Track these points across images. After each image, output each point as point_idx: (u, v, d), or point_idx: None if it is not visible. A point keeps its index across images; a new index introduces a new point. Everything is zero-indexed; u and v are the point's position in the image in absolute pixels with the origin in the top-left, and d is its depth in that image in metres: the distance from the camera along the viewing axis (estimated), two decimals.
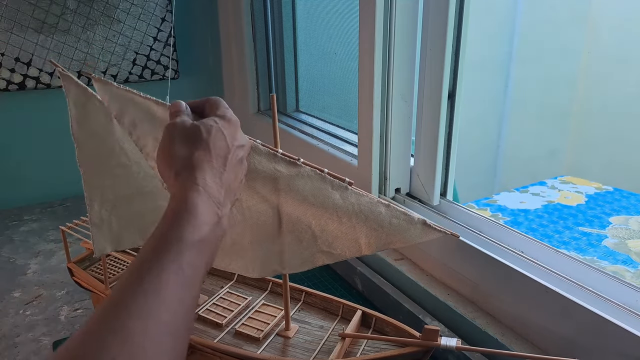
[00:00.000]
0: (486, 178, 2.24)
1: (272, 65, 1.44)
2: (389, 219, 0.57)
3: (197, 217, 0.41)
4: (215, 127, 0.47)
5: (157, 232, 0.40)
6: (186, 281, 0.37)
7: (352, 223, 0.57)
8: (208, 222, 0.42)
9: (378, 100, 0.88)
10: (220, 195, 0.45)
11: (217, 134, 0.47)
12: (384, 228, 0.58)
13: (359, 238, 0.58)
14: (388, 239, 0.58)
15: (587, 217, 1.40)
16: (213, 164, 0.46)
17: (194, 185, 0.43)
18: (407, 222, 0.57)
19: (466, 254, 0.77)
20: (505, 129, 2.17)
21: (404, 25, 0.84)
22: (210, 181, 0.44)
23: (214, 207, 0.43)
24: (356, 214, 0.57)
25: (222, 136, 0.47)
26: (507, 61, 2.09)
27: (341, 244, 0.59)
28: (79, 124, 0.64)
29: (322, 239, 0.59)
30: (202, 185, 0.43)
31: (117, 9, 1.42)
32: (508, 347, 0.68)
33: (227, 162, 0.47)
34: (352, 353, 0.63)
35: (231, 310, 0.71)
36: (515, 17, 2.04)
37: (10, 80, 1.34)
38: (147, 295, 0.34)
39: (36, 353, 0.83)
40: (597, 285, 0.65)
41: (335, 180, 0.56)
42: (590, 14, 2.13)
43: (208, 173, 0.45)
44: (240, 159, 0.50)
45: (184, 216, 0.41)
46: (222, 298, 0.75)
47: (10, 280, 1.05)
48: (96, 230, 0.69)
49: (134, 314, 0.33)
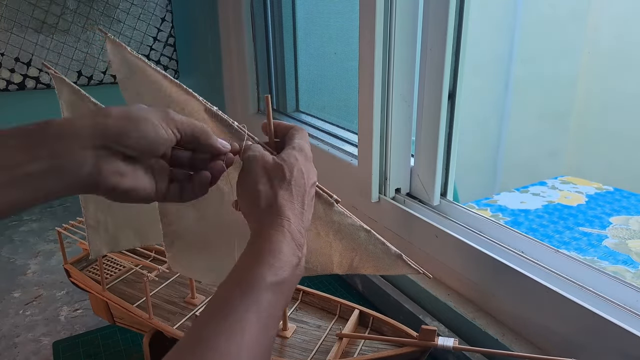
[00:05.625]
0: (486, 178, 2.24)
1: (272, 65, 1.44)
2: (366, 244, 0.57)
3: (281, 259, 0.41)
4: (297, 166, 0.47)
5: (239, 269, 0.40)
6: (266, 323, 0.38)
7: (329, 239, 0.57)
8: (290, 264, 0.42)
9: (378, 100, 0.88)
10: (302, 237, 0.45)
11: (298, 174, 0.47)
12: (359, 252, 0.57)
13: (332, 255, 0.58)
14: (361, 263, 0.58)
15: (588, 217, 1.40)
16: (295, 205, 0.45)
17: (279, 227, 0.43)
18: (382, 252, 0.57)
19: (466, 254, 0.77)
20: (506, 129, 2.17)
21: (404, 25, 0.84)
22: (295, 223, 0.44)
23: (296, 249, 0.43)
24: (335, 231, 0.56)
25: (301, 175, 0.47)
26: (507, 61, 2.08)
27: (315, 258, 0.58)
28: None
29: None
30: (287, 228, 0.43)
31: (117, 9, 1.42)
32: (508, 347, 0.68)
33: (304, 202, 0.47)
34: (350, 353, 0.63)
35: None
36: (515, 17, 2.04)
37: (10, 80, 1.34)
38: (229, 337, 0.35)
39: (36, 353, 0.83)
40: (597, 285, 0.65)
41: (323, 194, 0.55)
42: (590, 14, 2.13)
43: (291, 215, 0.45)
44: (313, 197, 0.49)
45: (267, 257, 0.41)
46: None
47: (10, 281, 1.05)
48: (92, 232, 0.69)
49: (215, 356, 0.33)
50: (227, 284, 0.39)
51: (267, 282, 0.39)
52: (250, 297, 0.38)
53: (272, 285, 0.39)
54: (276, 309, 0.40)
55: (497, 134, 2.19)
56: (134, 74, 0.53)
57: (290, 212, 0.45)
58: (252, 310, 0.37)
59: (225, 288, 0.39)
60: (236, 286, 0.39)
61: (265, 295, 0.38)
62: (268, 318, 0.38)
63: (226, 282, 0.40)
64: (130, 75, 0.53)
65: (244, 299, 0.38)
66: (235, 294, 0.38)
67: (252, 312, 0.37)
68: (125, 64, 0.53)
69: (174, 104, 0.52)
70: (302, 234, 0.45)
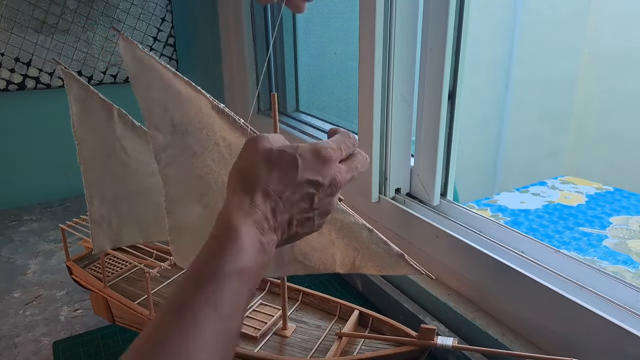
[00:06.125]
0: (486, 178, 2.24)
1: (272, 65, 1.44)
2: (368, 243, 0.57)
3: (239, 242, 0.39)
4: (290, 155, 0.44)
5: (197, 259, 0.39)
6: (227, 313, 0.36)
7: (332, 237, 0.57)
8: (250, 248, 0.40)
9: (378, 100, 0.88)
10: (266, 222, 0.42)
11: (290, 162, 0.43)
12: (361, 251, 0.57)
13: (335, 254, 0.58)
14: (363, 262, 0.58)
15: (588, 217, 1.40)
16: (269, 189, 0.43)
17: (238, 210, 0.41)
18: (385, 252, 0.57)
19: (466, 254, 0.77)
20: (506, 129, 2.17)
21: (404, 25, 0.84)
22: (261, 206, 0.42)
23: (258, 233, 0.41)
24: (337, 230, 0.56)
25: (294, 166, 0.43)
26: (507, 61, 2.09)
27: (317, 256, 0.58)
28: (80, 121, 0.64)
29: (298, 247, 0.59)
30: (247, 210, 0.41)
31: (117, 9, 1.42)
32: (508, 347, 0.68)
33: (284, 193, 0.43)
34: (349, 352, 0.63)
35: None
36: (516, 17, 2.04)
37: (10, 80, 1.34)
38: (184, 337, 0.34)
39: (36, 353, 0.83)
40: (597, 285, 0.65)
41: None
42: (590, 14, 2.13)
43: (259, 197, 0.42)
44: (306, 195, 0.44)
45: (224, 243, 0.39)
46: None
47: (10, 281, 1.05)
48: (96, 227, 0.69)
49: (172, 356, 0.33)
50: (184, 277, 0.38)
51: (225, 271, 0.37)
52: (207, 289, 0.36)
53: (232, 274, 0.37)
54: (239, 298, 0.38)
55: (497, 134, 2.19)
56: (144, 71, 0.54)
57: (259, 194, 0.42)
58: (209, 302, 0.35)
59: (182, 281, 0.38)
60: (190, 278, 0.37)
61: (225, 284, 0.37)
62: (230, 308, 0.36)
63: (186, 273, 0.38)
64: (140, 72, 0.54)
65: (200, 292, 0.36)
66: (189, 287, 0.37)
67: (209, 304, 0.35)
68: (136, 60, 0.54)
69: (183, 100, 0.53)
70: (268, 219, 0.42)
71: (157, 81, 0.54)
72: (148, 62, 0.53)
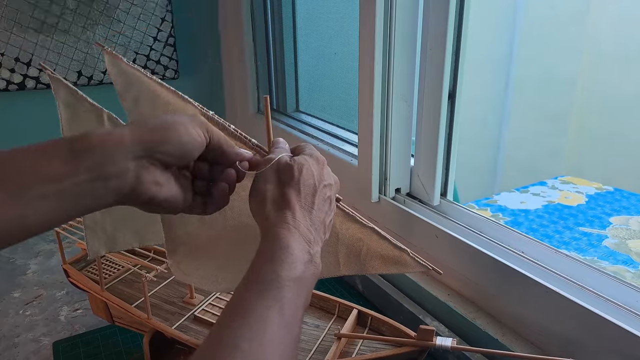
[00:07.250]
0: (486, 178, 2.24)
1: (272, 66, 1.44)
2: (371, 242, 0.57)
3: (291, 254, 0.41)
4: (306, 166, 0.47)
5: (253, 269, 0.40)
6: (288, 321, 0.37)
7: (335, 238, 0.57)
8: (301, 260, 0.41)
9: (378, 100, 0.88)
10: (310, 234, 0.45)
11: (307, 173, 0.47)
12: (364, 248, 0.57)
13: (338, 253, 0.58)
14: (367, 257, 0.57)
15: (588, 217, 1.40)
16: (302, 202, 0.46)
17: (284, 224, 0.43)
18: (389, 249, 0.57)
19: (466, 254, 0.77)
20: (506, 129, 2.17)
21: (404, 25, 0.84)
22: (301, 220, 0.44)
23: (305, 245, 0.43)
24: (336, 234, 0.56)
25: (311, 175, 0.47)
26: (507, 61, 2.08)
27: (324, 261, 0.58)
28: (70, 126, 0.64)
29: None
30: (293, 224, 0.43)
31: (117, 9, 1.42)
32: (508, 347, 0.68)
33: (314, 202, 0.47)
34: (348, 353, 0.63)
35: None
36: (515, 17, 2.04)
37: (10, 80, 1.34)
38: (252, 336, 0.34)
39: (36, 353, 0.83)
40: (597, 285, 0.65)
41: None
42: (590, 14, 2.13)
43: (298, 212, 0.45)
44: (327, 198, 0.49)
45: (278, 253, 0.41)
46: (218, 298, 0.75)
47: (10, 281, 1.05)
48: (90, 232, 0.69)
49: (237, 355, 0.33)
50: (243, 286, 0.39)
51: (283, 279, 0.39)
52: (269, 294, 0.37)
53: (289, 282, 0.39)
54: (296, 307, 0.39)
55: (497, 134, 2.18)
56: (131, 84, 0.54)
57: (297, 209, 0.45)
58: (273, 307, 0.36)
59: (242, 289, 0.39)
60: (252, 285, 0.38)
61: (283, 292, 0.38)
62: (291, 316, 0.37)
63: (242, 284, 0.39)
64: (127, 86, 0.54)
65: (263, 297, 0.37)
66: (252, 293, 0.38)
67: (273, 309, 0.36)
68: (122, 74, 0.54)
69: (171, 110, 0.53)
70: (310, 231, 0.45)
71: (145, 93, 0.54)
72: (134, 75, 0.53)
